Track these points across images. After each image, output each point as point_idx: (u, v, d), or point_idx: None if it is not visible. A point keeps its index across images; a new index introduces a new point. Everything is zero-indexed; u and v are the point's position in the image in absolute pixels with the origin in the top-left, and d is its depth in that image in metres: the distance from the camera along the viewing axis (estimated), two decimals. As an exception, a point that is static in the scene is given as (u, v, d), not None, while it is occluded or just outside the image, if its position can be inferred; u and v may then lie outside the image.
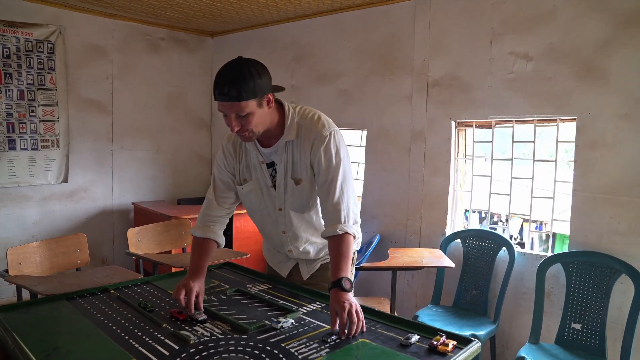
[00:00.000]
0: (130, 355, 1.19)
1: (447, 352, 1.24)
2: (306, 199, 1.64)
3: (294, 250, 1.74)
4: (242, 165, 1.68)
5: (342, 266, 1.48)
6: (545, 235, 3.37)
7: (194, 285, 1.50)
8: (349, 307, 1.35)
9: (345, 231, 1.53)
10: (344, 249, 1.52)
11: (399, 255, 2.63)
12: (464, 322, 2.56)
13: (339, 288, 1.41)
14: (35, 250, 2.32)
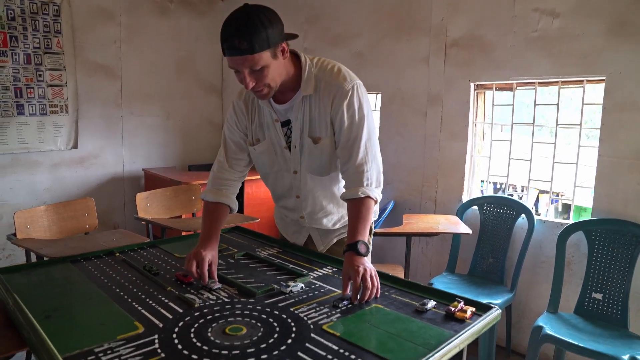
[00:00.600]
0: (132, 317, 1.15)
1: (466, 319, 1.17)
2: (327, 159, 1.51)
3: (306, 217, 1.64)
4: (255, 124, 1.56)
5: (359, 229, 1.39)
6: (562, 207, 3.25)
7: (206, 254, 1.40)
8: (363, 272, 1.27)
9: (367, 195, 1.43)
10: (363, 212, 1.42)
11: (413, 221, 2.55)
12: (479, 290, 2.50)
13: (354, 251, 1.33)
14: (43, 214, 2.29)
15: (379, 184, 1.50)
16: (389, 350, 1.01)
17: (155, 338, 1.04)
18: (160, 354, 0.97)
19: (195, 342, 1.03)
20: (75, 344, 1.01)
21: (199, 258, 1.39)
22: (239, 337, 1.06)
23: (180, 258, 1.63)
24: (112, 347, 1.00)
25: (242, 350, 1.00)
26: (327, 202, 1.62)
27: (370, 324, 1.14)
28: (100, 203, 3.94)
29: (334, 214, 1.64)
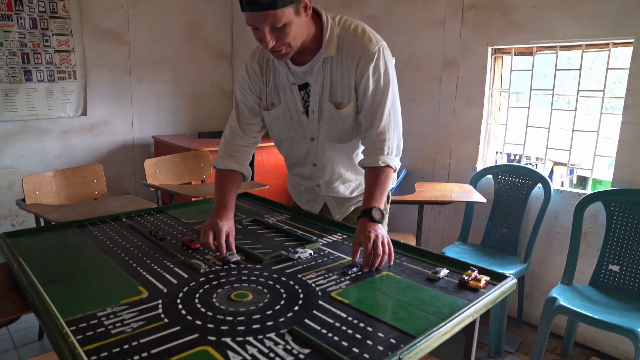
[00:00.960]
0: (137, 282, 1.12)
1: (479, 288, 1.12)
2: (349, 126, 1.43)
3: (323, 186, 1.58)
4: (270, 87, 1.47)
5: (375, 195, 1.34)
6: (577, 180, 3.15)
7: (222, 224, 1.31)
8: (374, 238, 1.22)
9: (387, 164, 1.38)
10: (382, 179, 1.36)
11: (426, 189, 2.49)
12: (492, 260, 2.45)
13: (368, 217, 1.28)
14: (51, 179, 2.27)
15: (399, 152, 1.44)
16: (399, 319, 0.97)
17: (159, 303, 1.02)
18: (163, 319, 0.95)
19: (200, 307, 1.00)
20: (78, 308, 0.99)
21: (216, 229, 1.29)
22: (244, 303, 1.03)
23: (187, 224, 1.60)
24: (115, 311, 0.98)
25: (247, 317, 0.97)
26: (346, 170, 1.55)
27: (381, 291, 1.10)
28: (110, 170, 3.94)
29: (352, 181, 1.58)
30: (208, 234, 1.28)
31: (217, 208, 1.39)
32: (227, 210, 1.39)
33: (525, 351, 2.37)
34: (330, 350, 0.83)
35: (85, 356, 0.81)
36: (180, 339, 0.88)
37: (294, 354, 0.83)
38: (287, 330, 0.91)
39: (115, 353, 0.82)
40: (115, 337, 0.88)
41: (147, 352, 0.83)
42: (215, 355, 0.82)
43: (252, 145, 1.55)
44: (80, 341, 0.86)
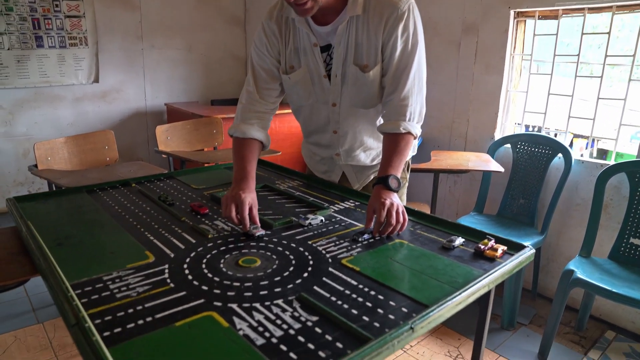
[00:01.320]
0: (144, 247, 1.10)
1: (496, 258, 1.08)
2: (375, 90, 1.36)
3: (342, 155, 1.52)
4: (289, 49, 1.39)
5: (393, 163, 1.28)
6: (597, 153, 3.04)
7: (245, 196, 1.21)
8: (389, 205, 1.18)
9: (408, 130, 1.32)
10: (401, 146, 1.31)
11: (442, 157, 2.43)
12: (508, 231, 2.40)
13: (384, 185, 1.23)
14: (63, 146, 2.26)
15: (420, 118, 1.38)
16: (412, 288, 0.93)
17: (165, 268, 1.00)
18: (169, 284, 0.93)
19: (207, 272, 0.98)
20: (85, 271, 0.97)
21: (238, 201, 1.20)
22: (252, 269, 1.00)
23: (197, 189, 1.58)
24: (121, 275, 0.96)
25: (254, 283, 0.94)
26: (368, 137, 1.49)
27: (393, 259, 1.07)
28: (124, 138, 3.94)
29: (374, 149, 1.52)
30: (230, 207, 1.19)
31: (238, 179, 1.30)
32: (249, 181, 1.30)
33: (539, 323, 2.34)
34: (339, 318, 0.80)
35: (89, 319, 0.79)
36: (185, 304, 0.85)
37: (301, 321, 0.81)
38: (295, 297, 0.89)
39: (120, 317, 0.81)
40: (120, 301, 0.86)
41: (152, 317, 0.81)
42: (220, 321, 0.80)
43: (271, 111, 1.47)
44: (85, 304, 0.84)
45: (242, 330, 0.78)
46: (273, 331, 0.78)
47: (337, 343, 0.75)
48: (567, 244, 2.50)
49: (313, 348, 0.73)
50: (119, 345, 0.73)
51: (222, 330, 0.78)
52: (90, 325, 0.77)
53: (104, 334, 0.76)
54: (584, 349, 2.14)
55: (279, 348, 0.73)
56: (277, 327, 0.79)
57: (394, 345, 0.74)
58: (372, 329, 0.79)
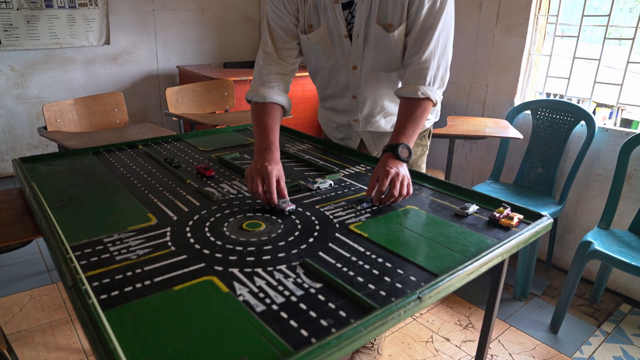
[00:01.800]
0: (146, 209, 1.08)
1: (511, 227, 1.03)
2: (399, 52, 1.27)
3: (361, 121, 1.45)
4: (308, 6, 1.30)
5: (407, 130, 1.20)
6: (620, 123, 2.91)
7: (271, 168, 1.10)
8: (394, 175, 1.10)
9: (427, 96, 1.24)
10: (418, 113, 1.23)
11: (458, 123, 2.34)
12: (525, 200, 2.33)
13: (393, 153, 1.16)
14: (72, 107, 2.23)
15: (442, 84, 1.29)
16: (421, 256, 0.89)
17: (167, 231, 0.97)
18: (170, 247, 0.90)
19: (209, 236, 0.95)
20: (85, 233, 0.95)
21: (265, 174, 1.09)
22: (256, 233, 0.97)
23: (204, 152, 1.54)
24: (122, 238, 0.94)
25: (257, 247, 0.91)
26: (389, 102, 1.42)
27: (403, 226, 1.02)
28: (136, 101, 3.91)
29: (395, 114, 1.43)
30: (257, 182, 1.09)
31: (262, 150, 1.19)
32: (273, 151, 1.19)
33: (552, 295, 2.30)
34: (344, 286, 0.77)
35: (87, 282, 0.77)
36: (185, 267, 0.83)
37: (304, 287, 0.78)
38: (299, 263, 0.85)
39: (118, 280, 0.79)
40: (120, 264, 0.84)
41: (150, 280, 0.79)
42: (220, 286, 0.77)
43: (291, 73, 1.38)
44: (83, 267, 0.82)
45: (242, 296, 0.75)
46: (274, 297, 0.75)
47: (341, 311, 0.72)
48: (585, 215, 2.43)
49: (315, 316, 0.70)
50: (115, 309, 0.71)
51: (221, 295, 0.75)
52: (87, 288, 0.75)
53: (101, 297, 0.74)
54: (597, 321, 2.10)
55: (279, 315, 0.70)
56: (278, 294, 0.76)
57: (400, 315, 0.71)
58: (377, 297, 0.75)
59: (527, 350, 1.88)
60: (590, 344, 1.93)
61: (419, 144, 1.54)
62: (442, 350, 1.86)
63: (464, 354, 1.84)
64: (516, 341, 1.93)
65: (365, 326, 0.66)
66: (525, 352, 1.87)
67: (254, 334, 0.66)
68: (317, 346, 0.61)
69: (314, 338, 0.65)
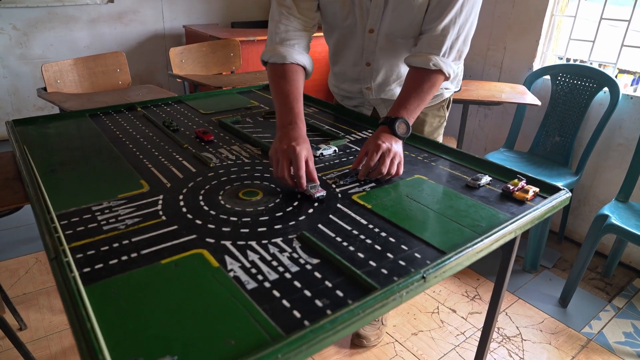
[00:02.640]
0: (139, 175, 1.02)
1: (526, 200, 0.96)
2: (420, 18, 1.16)
3: (374, 89, 1.35)
4: None
5: (409, 104, 1.11)
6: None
7: (299, 149, 0.94)
8: (385, 150, 1.01)
9: (439, 68, 1.13)
10: (425, 87, 1.13)
11: (473, 88, 2.24)
12: (539, 170, 2.25)
13: (389, 127, 1.07)
14: (72, 67, 2.16)
15: (459, 56, 1.18)
16: (428, 231, 0.83)
17: (159, 198, 0.92)
18: (161, 216, 0.85)
19: (203, 205, 0.90)
20: (74, 200, 0.90)
21: (292, 155, 0.94)
22: (252, 203, 0.91)
23: (205, 115, 1.48)
24: (112, 206, 0.89)
25: (253, 218, 0.86)
26: (406, 69, 1.30)
27: (410, 197, 0.96)
28: (141, 62, 3.82)
29: None
30: (283, 165, 0.94)
31: (285, 124, 1.03)
32: (299, 125, 1.03)
33: (563, 267, 2.24)
34: (343, 263, 0.72)
35: (70, 254, 0.72)
36: (175, 239, 0.78)
37: (300, 263, 0.72)
38: (296, 236, 0.80)
39: (103, 252, 0.74)
40: (106, 234, 0.79)
41: (137, 253, 0.74)
42: (210, 260, 0.72)
43: (311, 29, 1.23)
44: (68, 237, 0.78)
45: (233, 271, 0.70)
46: (267, 274, 0.70)
47: (338, 291, 0.66)
48: (603, 187, 2.34)
49: (310, 295, 0.65)
50: (98, 284, 0.66)
51: (210, 270, 0.70)
52: (70, 260, 0.70)
53: (84, 270, 0.69)
54: (608, 295, 2.05)
55: (271, 294, 0.65)
56: (272, 270, 0.71)
57: (402, 296, 0.66)
58: (378, 276, 0.70)
59: (535, 323, 1.84)
60: (600, 319, 1.89)
61: (436, 115, 1.45)
62: (448, 321, 1.83)
63: (469, 325, 1.81)
64: (524, 314, 1.89)
65: (363, 308, 0.61)
66: (532, 325, 1.83)
67: (243, 314, 0.61)
68: (309, 330, 0.56)
69: (307, 320, 0.60)
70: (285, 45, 1.17)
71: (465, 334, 1.77)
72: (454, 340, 1.73)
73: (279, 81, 1.13)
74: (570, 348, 1.72)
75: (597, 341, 1.76)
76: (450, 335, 1.76)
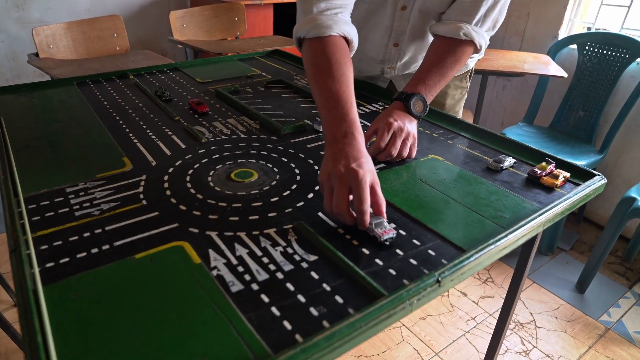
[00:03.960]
0: (123, 152, 0.92)
1: (555, 187, 0.85)
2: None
3: (398, 68, 1.22)
4: None
5: (429, 80, 0.99)
6: None
7: (363, 173, 0.67)
8: (396, 129, 0.90)
9: (470, 38, 1.01)
10: (450, 61, 1.01)
11: (492, 57, 2.08)
12: (560, 147, 2.11)
13: (403, 104, 0.95)
14: (65, 32, 2.04)
15: (493, 27, 1.05)
16: (444, 223, 0.73)
17: (142, 179, 0.82)
18: (141, 201, 0.75)
19: (189, 187, 0.80)
20: (47, 181, 0.81)
21: (354, 182, 0.66)
22: (245, 186, 0.81)
23: (201, 84, 1.36)
24: (88, 187, 0.79)
25: (244, 204, 0.75)
26: None
27: (424, 181, 0.85)
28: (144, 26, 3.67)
29: None
30: (343, 196, 0.67)
31: (339, 137, 0.73)
32: (357, 139, 0.73)
33: (581, 250, 2.13)
34: (344, 261, 0.62)
35: (32, 244, 0.63)
36: (155, 228, 0.68)
37: (295, 260, 0.63)
38: (292, 226, 0.70)
39: (72, 242, 0.65)
40: (78, 222, 0.69)
41: (110, 244, 0.64)
42: (191, 255, 0.63)
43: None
44: (34, 224, 0.68)
45: (217, 269, 0.60)
46: (256, 273, 0.60)
47: (337, 296, 0.57)
48: (628, 166, 2.20)
49: (304, 302, 0.56)
50: (60, 282, 0.57)
51: (190, 268, 0.61)
52: (31, 253, 0.62)
53: (47, 265, 0.60)
54: (629, 282, 1.94)
55: (258, 298, 0.56)
56: (261, 268, 0.61)
57: (412, 304, 0.56)
58: (385, 278, 0.60)
59: (550, 310, 1.75)
60: (619, 307, 1.79)
61: (458, 87, 1.32)
62: (458, 305, 1.75)
63: (481, 310, 1.73)
64: (539, 299, 1.80)
65: (366, 321, 0.51)
66: (547, 312, 1.74)
67: (224, 325, 0.52)
68: (299, 349, 0.47)
69: (298, 334, 0.51)
70: (326, 15, 0.92)
71: (475, 319, 1.69)
72: (463, 326, 1.65)
73: (325, 68, 0.84)
74: (586, 337, 1.63)
75: (615, 330, 1.67)
76: (460, 321, 1.68)
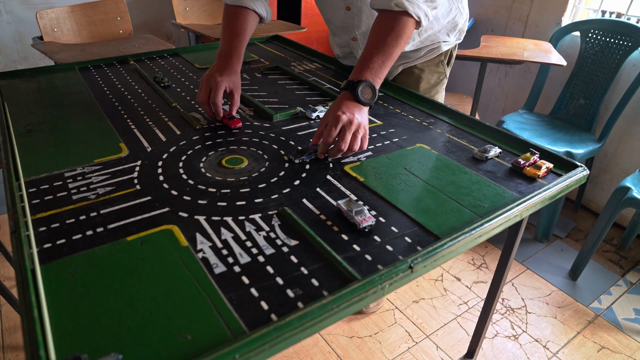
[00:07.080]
0: (120, 137, 0.96)
1: (537, 178, 0.87)
2: None
3: (360, 39, 1.26)
4: None
5: (372, 63, 0.94)
6: None
7: (220, 79, 1.02)
8: (345, 122, 0.88)
9: (403, 9, 0.94)
10: (390, 38, 0.94)
11: (493, 44, 2.08)
12: (559, 135, 2.12)
13: (350, 93, 0.92)
14: (69, 15, 2.06)
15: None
16: (423, 210, 0.76)
17: (137, 165, 0.86)
18: (135, 185, 0.79)
19: (182, 173, 0.84)
20: (46, 165, 0.85)
21: (213, 83, 1.01)
22: (235, 172, 0.85)
23: (200, 70, 1.39)
24: (85, 172, 0.83)
25: (233, 189, 0.79)
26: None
27: (408, 170, 0.88)
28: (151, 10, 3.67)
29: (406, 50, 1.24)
30: (203, 92, 1.02)
31: (220, 56, 1.10)
32: (232, 59, 1.08)
33: (577, 238, 2.16)
34: (323, 246, 0.65)
35: (31, 226, 0.67)
36: (146, 212, 0.72)
37: (276, 244, 0.66)
38: (276, 212, 0.73)
39: (68, 225, 0.69)
40: (75, 205, 0.73)
41: (104, 227, 0.68)
42: (179, 238, 0.66)
43: None
44: (34, 207, 0.73)
45: (202, 252, 0.64)
46: (239, 256, 0.64)
47: (313, 279, 0.60)
48: (627, 156, 2.21)
49: (282, 284, 0.59)
50: (56, 262, 0.61)
51: (178, 250, 0.64)
52: (30, 234, 0.66)
53: (45, 246, 0.64)
54: (622, 270, 1.97)
55: (239, 280, 0.59)
56: (244, 251, 0.65)
57: (384, 288, 0.59)
58: (360, 263, 0.63)
59: (542, 296, 1.79)
60: (610, 294, 1.82)
61: (434, 71, 1.32)
62: (451, 290, 1.79)
63: (473, 295, 1.77)
64: (531, 285, 1.84)
65: (338, 303, 0.55)
66: (539, 297, 1.78)
67: (205, 304, 0.56)
68: (272, 327, 0.51)
69: (274, 313, 0.55)
70: None
71: (468, 303, 1.73)
72: (455, 310, 1.69)
73: (228, 20, 1.15)
74: (576, 323, 1.67)
75: (605, 317, 1.70)
76: (453, 305, 1.72)
